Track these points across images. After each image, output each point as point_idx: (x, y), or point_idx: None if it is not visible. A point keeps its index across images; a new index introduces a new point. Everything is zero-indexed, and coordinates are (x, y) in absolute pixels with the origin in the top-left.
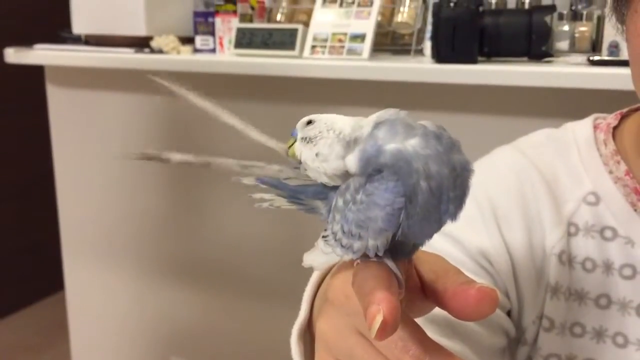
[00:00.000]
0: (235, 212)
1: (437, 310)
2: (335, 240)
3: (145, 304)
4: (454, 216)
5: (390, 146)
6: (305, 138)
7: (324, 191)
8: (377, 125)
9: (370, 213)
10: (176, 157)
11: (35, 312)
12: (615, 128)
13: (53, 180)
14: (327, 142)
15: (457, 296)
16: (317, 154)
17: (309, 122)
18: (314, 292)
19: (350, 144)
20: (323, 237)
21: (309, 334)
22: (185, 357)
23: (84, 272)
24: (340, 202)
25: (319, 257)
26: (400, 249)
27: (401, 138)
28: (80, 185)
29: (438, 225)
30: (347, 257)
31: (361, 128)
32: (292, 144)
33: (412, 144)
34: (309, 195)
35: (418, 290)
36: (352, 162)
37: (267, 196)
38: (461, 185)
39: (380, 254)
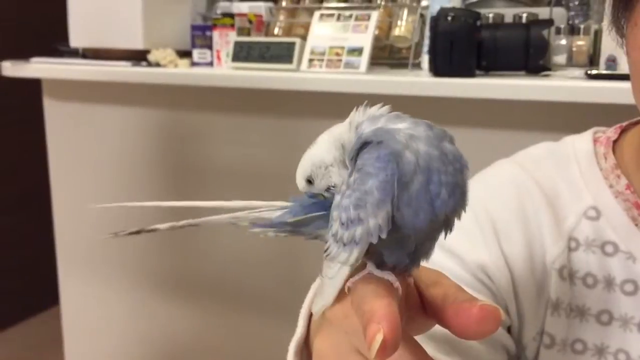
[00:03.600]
0: (233, 226)
1: (435, 326)
2: (337, 241)
3: (141, 319)
4: (447, 204)
5: (372, 127)
6: (330, 189)
7: (325, 224)
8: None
9: (365, 186)
10: (163, 225)
11: (29, 327)
12: (615, 142)
13: (49, 194)
14: (339, 173)
15: (459, 314)
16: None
17: (309, 182)
18: (311, 308)
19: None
20: (325, 252)
21: (306, 351)
22: None
23: (79, 286)
24: (337, 198)
25: (326, 289)
26: (401, 245)
27: (385, 121)
28: (76, 198)
29: (430, 209)
30: (353, 257)
31: (342, 127)
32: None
33: (400, 126)
34: (311, 230)
35: (418, 308)
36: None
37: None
38: (454, 174)
39: (384, 235)
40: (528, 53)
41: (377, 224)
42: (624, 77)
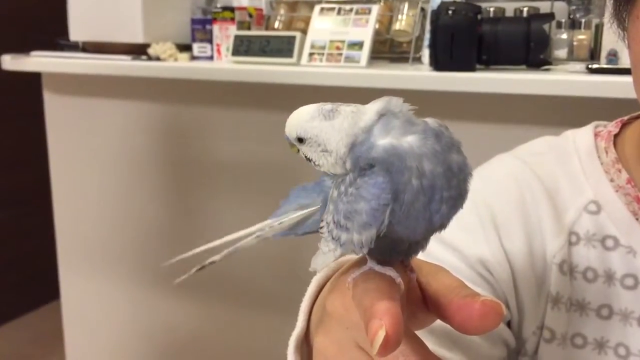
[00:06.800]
0: (233, 221)
1: (436, 320)
2: (328, 231)
3: (142, 313)
4: (446, 217)
5: (384, 141)
6: (309, 159)
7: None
8: (379, 117)
9: (356, 206)
10: (218, 257)
11: (30, 321)
12: (616, 136)
13: (49, 188)
14: (330, 162)
15: (461, 310)
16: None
17: (301, 140)
18: (311, 302)
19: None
20: (319, 229)
21: (306, 346)
22: None
23: (79, 280)
24: (335, 193)
25: (319, 257)
26: (394, 247)
27: (397, 133)
28: (76, 192)
29: (428, 224)
30: (338, 251)
31: (360, 128)
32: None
33: (408, 140)
34: (313, 226)
35: (420, 303)
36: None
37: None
38: (457, 187)
39: (365, 250)
40: (529, 47)
41: (360, 240)
42: (625, 71)
